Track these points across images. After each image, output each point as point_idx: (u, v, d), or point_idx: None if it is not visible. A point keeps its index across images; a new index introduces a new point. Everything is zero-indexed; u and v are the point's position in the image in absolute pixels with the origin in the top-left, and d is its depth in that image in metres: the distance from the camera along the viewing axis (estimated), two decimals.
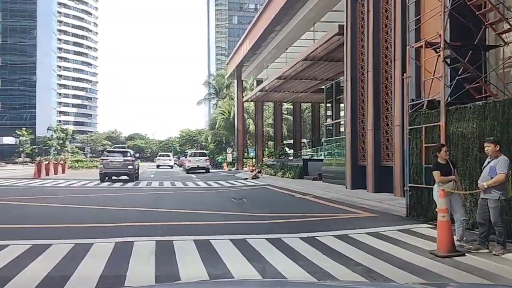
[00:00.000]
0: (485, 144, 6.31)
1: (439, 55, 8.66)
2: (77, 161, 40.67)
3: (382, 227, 8.10)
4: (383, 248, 6.42)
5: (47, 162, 26.23)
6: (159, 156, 50.17)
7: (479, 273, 5.18)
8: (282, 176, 24.04)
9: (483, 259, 5.77)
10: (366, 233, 7.58)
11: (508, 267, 5.41)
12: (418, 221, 8.63)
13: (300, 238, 7.23)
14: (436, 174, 6.69)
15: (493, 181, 6.01)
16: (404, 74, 9.26)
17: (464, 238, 6.47)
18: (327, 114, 31.75)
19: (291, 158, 33.12)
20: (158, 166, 45.58)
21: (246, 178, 24.35)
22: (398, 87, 12.73)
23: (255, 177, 24.27)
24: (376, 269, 5.30)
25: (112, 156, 23.81)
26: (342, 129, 28.08)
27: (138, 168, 26.33)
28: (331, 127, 31.34)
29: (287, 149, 39.36)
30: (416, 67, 10.74)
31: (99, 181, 21.95)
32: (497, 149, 6.16)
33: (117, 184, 20.64)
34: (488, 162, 6.23)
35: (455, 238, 6.20)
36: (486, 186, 6.06)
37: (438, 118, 8.38)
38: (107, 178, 22.68)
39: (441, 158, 6.79)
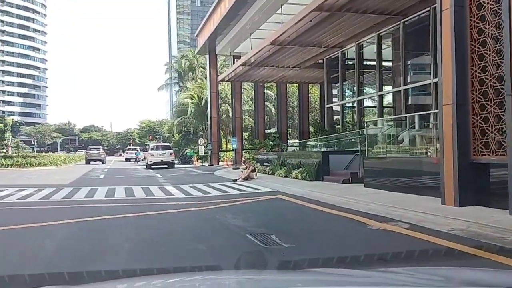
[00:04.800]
0: None
1: None
2: (4, 157, 31.70)
3: None
4: None
5: None
6: (127, 150, 56.67)
7: None
8: (286, 176, 16.79)
9: None
10: None
11: None
12: None
13: None
14: None
15: None
16: None
17: None
18: (333, 93, 24.72)
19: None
20: (127, 160, 49.87)
21: (235, 180, 16.92)
22: None
23: (247, 178, 16.91)
24: None
25: (92, 150, 42.82)
26: (345, 115, 19.82)
27: (105, 156, 43.62)
28: (338, 110, 24.36)
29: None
30: None
31: (16, 191, 14.36)
32: None
33: (36, 197, 12.70)
34: None
35: None
36: None
37: None
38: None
39: None
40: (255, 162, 21.09)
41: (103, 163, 39.11)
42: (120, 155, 72.36)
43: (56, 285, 3.98)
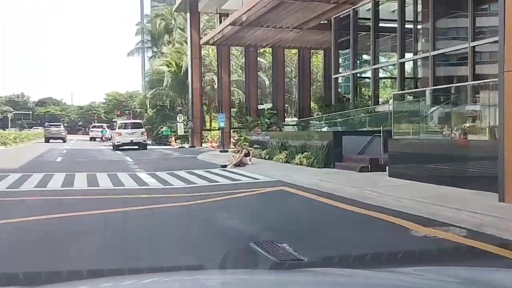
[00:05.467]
0: None
1: None
2: None
3: None
4: None
5: None
6: (92, 128, 54.56)
7: None
8: (287, 162, 15.85)
9: None
10: None
11: None
12: None
13: None
14: None
15: None
16: None
17: None
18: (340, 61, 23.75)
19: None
20: (92, 139, 49.07)
21: (225, 166, 15.96)
22: None
23: (239, 164, 15.95)
24: None
25: (51, 127, 46.90)
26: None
27: (66, 134, 47.33)
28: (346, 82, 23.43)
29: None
30: None
31: None
32: None
33: None
34: None
35: None
36: None
37: None
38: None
39: None
40: (248, 144, 20.12)
41: (64, 141, 42.47)
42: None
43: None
